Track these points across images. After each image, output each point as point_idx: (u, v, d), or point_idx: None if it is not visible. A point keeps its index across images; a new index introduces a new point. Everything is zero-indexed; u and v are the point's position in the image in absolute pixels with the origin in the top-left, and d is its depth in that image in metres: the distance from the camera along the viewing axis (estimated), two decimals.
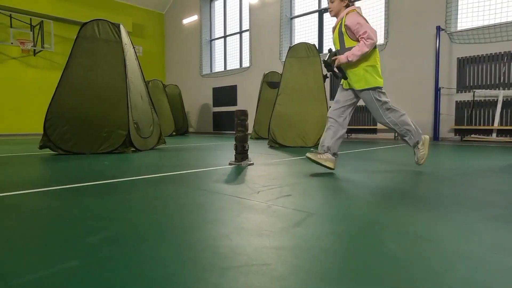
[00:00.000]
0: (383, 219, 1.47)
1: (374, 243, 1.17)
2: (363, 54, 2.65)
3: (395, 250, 1.11)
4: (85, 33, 4.79)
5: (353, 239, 1.22)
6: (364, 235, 1.26)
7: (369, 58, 2.73)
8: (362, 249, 1.12)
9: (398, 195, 1.96)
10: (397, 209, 1.64)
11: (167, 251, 1.11)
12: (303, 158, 3.99)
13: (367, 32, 2.61)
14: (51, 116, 4.53)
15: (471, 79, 7.48)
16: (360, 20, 2.67)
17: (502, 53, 7.03)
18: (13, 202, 1.83)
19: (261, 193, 2.03)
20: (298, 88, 5.94)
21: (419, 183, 2.36)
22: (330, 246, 1.14)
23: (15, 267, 0.99)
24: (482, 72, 7.34)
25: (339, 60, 2.73)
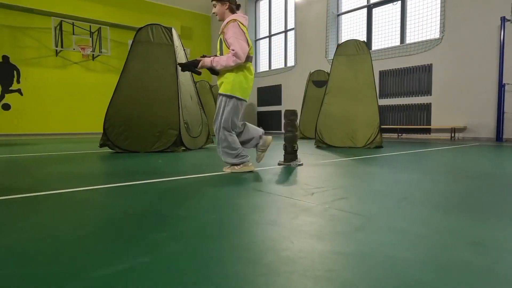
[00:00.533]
0: (450, 225, 1.37)
1: (445, 252, 1.10)
2: (226, 67, 2.72)
3: (470, 259, 1.03)
4: (140, 38, 5.05)
5: (421, 246, 1.15)
6: (432, 243, 1.18)
7: (242, 70, 2.80)
8: (434, 258, 1.05)
9: (460, 200, 1.82)
10: (463, 215, 1.53)
11: (230, 252, 1.12)
12: (354, 159, 3.87)
13: (236, 51, 2.66)
14: (110, 117, 4.83)
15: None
16: (236, 33, 2.71)
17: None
18: (84, 197, 1.97)
19: (315, 195, 1.99)
20: (346, 86, 5.78)
21: (482, 188, 2.18)
22: (397, 254, 1.09)
23: (93, 260, 1.06)
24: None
25: (203, 62, 2.79)
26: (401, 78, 9.06)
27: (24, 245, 1.18)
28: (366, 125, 5.56)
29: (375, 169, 3.05)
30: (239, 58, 2.68)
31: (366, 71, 5.72)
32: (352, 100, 5.70)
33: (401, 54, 9.06)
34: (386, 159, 3.92)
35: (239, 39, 2.69)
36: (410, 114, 8.92)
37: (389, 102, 9.30)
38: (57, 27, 11.72)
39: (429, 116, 8.58)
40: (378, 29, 9.86)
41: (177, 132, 4.91)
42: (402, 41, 9.25)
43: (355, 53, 5.81)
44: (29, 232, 1.33)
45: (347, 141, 5.64)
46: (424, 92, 8.65)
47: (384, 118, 9.33)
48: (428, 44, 8.51)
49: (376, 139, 5.50)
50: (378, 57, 9.40)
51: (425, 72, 8.59)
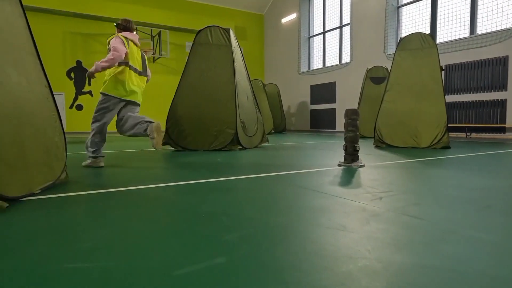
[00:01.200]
0: None
1: None
2: (103, 67, 3.21)
3: None
4: (200, 40, 5.22)
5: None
6: None
7: (120, 75, 3.35)
8: None
9: None
10: None
11: (302, 256, 1.10)
12: (420, 161, 3.63)
13: (111, 54, 3.21)
14: (172, 116, 5.07)
15: None
16: (115, 44, 3.28)
17: None
18: (155, 194, 2.08)
19: (384, 199, 1.90)
20: (410, 83, 5.44)
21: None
22: (490, 271, 0.98)
23: (173, 258, 1.10)
24: None
25: (91, 70, 3.28)
26: (470, 72, 8.31)
27: (110, 240, 1.27)
28: (431, 124, 5.19)
29: (446, 173, 2.83)
30: (112, 59, 3.20)
31: (432, 65, 5.33)
32: (416, 97, 5.36)
33: (470, 46, 8.31)
34: (457, 161, 3.62)
35: (117, 48, 3.25)
36: (480, 112, 8.15)
37: (456, 98, 8.59)
38: None
39: (503, 114, 7.76)
40: (443, 20, 9.15)
41: (234, 131, 5.00)
42: (471, 32, 8.48)
43: (420, 47, 5.44)
44: (111, 228, 1.43)
45: (410, 141, 5.31)
46: (497, 87, 7.85)
47: (450, 116, 8.65)
48: (503, 34, 7.70)
49: (442, 139, 5.11)
50: (443, 51, 8.73)
51: (499, 65, 7.79)
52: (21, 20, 2.17)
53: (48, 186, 2.21)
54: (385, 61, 10.09)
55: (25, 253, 1.15)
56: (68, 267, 1.03)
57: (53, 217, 1.60)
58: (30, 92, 2.11)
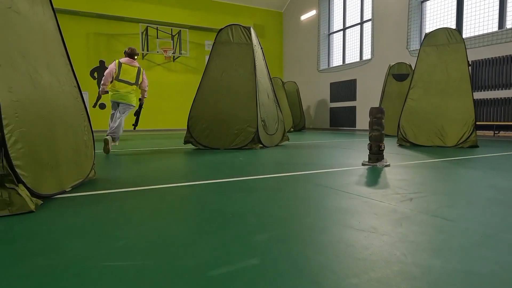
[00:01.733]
0: None
1: None
2: (102, 87, 5.34)
3: None
4: (221, 39, 5.23)
5: None
6: None
7: (112, 86, 5.30)
8: None
9: None
10: None
11: (335, 259, 1.08)
12: (448, 160, 3.52)
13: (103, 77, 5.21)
14: (193, 115, 5.11)
15: None
16: (108, 69, 5.25)
17: None
18: (183, 193, 2.10)
19: (415, 200, 1.84)
20: (435, 79, 5.28)
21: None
22: None
23: (207, 258, 1.10)
24: None
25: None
26: (499, 68, 7.99)
27: (144, 238, 1.29)
28: (458, 122, 5.03)
29: (476, 173, 2.73)
30: (103, 83, 5.25)
31: (460, 61, 5.15)
32: (442, 95, 5.20)
33: (499, 41, 7.99)
34: (487, 160, 3.49)
35: (109, 68, 5.23)
36: (509, 109, 7.83)
37: (483, 95, 8.29)
38: (143, 32, 12.80)
39: None
40: (469, 15, 8.83)
41: (255, 129, 5.00)
42: (500, 26, 8.14)
43: (446, 42, 5.27)
44: (142, 226, 1.45)
45: (435, 140, 5.17)
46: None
47: (477, 113, 8.35)
48: None
49: (470, 137, 4.94)
50: (469, 46, 8.43)
51: None
52: (52, 22, 2.23)
53: (78, 184, 2.27)
54: (408, 58, 9.84)
55: (61, 250, 1.18)
56: (104, 265, 1.05)
57: (86, 214, 1.64)
58: (61, 93, 2.17)
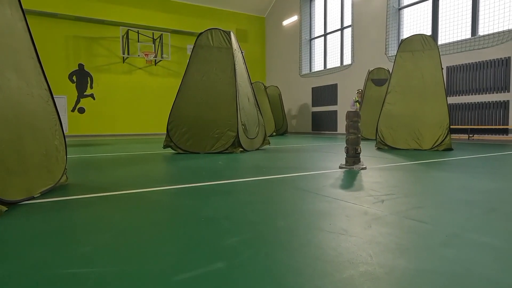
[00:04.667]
0: None
1: None
2: None
3: None
4: (201, 42, 5.22)
5: None
6: None
7: None
8: None
9: None
10: None
11: (303, 261, 1.08)
12: (422, 163, 3.60)
13: None
14: (173, 119, 5.06)
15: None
16: None
17: None
18: (156, 198, 2.06)
19: (386, 202, 1.88)
20: (411, 84, 5.42)
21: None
22: (497, 277, 0.96)
23: (173, 263, 1.09)
24: None
25: None
26: (472, 74, 8.29)
27: (110, 244, 1.26)
28: (433, 125, 5.17)
29: (449, 175, 2.81)
30: None
31: (434, 67, 5.31)
32: (417, 99, 5.34)
33: (472, 48, 8.29)
34: (460, 163, 3.59)
35: None
36: (482, 113, 8.12)
37: (458, 100, 8.57)
38: (124, 35, 12.64)
39: (506, 115, 7.73)
40: (444, 22, 9.14)
41: (235, 133, 4.99)
42: (473, 34, 8.46)
43: (421, 48, 5.43)
44: (110, 232, 1.42)
45: (412, 143, 5.29)
46: (500, 89, 7.82)
47: (452, 117, 8.61)
48: (505, 35, 7.68)
49: (445, 141, 5.08)
50: (444, 52, 8.71)
51: (502, 66, 7.76)
52: (21, 23, 2.17)
53: (48, 189, 2.20)
54: (387, 63, 10.08)
55: (22, 257, 1.14)
56: (65, 272, 1.02)
57: (52, 220, 1.59)
58: (30, 96, 2.10)
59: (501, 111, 7.80)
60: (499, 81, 7.84)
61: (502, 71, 7.78)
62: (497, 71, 7.86)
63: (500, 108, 7.81)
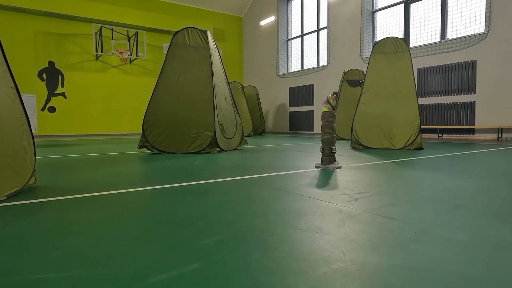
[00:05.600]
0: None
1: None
2: None
3: None
4: (177, 41, 5.15)
5: (487, 262, 1.06)
6: (498, 259, 1.09)
7: None
8: (504, 277, 0.97)
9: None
10: None
11: (278, 260, 1.10)
12: (395, 162, 3.72)
13: None
14: (148, 118, 4.97)
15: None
16: None
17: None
18: (131, 199, 2.02)
19: (360, 200, 1.92)
20: (384, 85, 5.58)
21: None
22: (462, 270, 1.01)
23: (148, 264, 1.07)
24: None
25: None
26: (442, 76, 8.63)
27: (82, 247, 1.22)
28: (405, 125, 5.35)
29: (420, 173, 2.91)
30: None
31: (405, 69, 5.49)
32: (390, 100, 5.50)
33: (441, 51, 8.64)
34: (430, 161, 3.73)
35: None
36: (451, 114, 8.48)
37: (429, 101, 8.90)
38: (97, 33, 12.28)
39: (472, 116, 8.11)
40: (416, 25, 9.47)
41: (212, 133, 4.96)
42: (442, 37, 8.81)
43: (394, 51, 5.60)
44: (83, 235, 1.38)
45: (385, 142, 5.45)
46: (467, 90, 8.19)
47: (423, 118, 8.94)
48: (471, 39, 8.05)
49: (416, 140, 5.27)
50: (416, 55, 9.03)
51: (469, 69, 8.13)
52: None
53: (15, 192, 2.11)
54: (362, 64, 10.32)
55: None
56: (32, 278, 0.98)
57: (19, 224, 1.52)
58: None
59: (468, 111, 8.17)
60: (466, 83, 8.20)
61: (469, 73, 8.15)
62: (464, 73, 8.23)
63: (467, 109, 8.18)
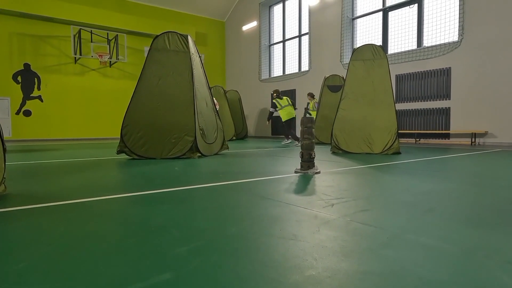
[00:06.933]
0: (482, 242, 1.31)
1: (480, 273, 1.04)
2: None
3: (507, 282, 0.97)
4: (157, 45, 5.10)
5: (454, 266, 1.10)
6: (465, 263, 1.13)
7: None
8: (469, 280, 1.00)
9: (491, 214, 1.74)
10: (495, 230, 1.46)
11: (252, 269, 1.09)
12: (372, 167, 3.79)
13: None
14: (128, 123, 4.89)
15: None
16: None
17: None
18: (105, 207, 1.98)
19: (336, 206, 1.95)
20: (363, 91, 5.70)
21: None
22: (430, 275, 1.04)
23: (118, 276, 1.05)
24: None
25: None
26: (418, 82, 8.89)
27: (49, 259, 1.19)
28: (383, 131, 5.46)
29: (395, 178, 2.98)
30: None
31: (383, 76, 5.62)
32: (369, 106, 5.62)
33: (418, 58, 8.90)
34: (406, 166, 3.83)
35: None
36: (428, 119, 8.73)
37: (406, 106, 9.14)
38: (76, 35, 12.01)
39: (448, 121, 8.38)
40: (394, 33, 9.73)
41: (193, 138, 4.93)
42: (419, 45, 9.09)
43: (372, 57, 5.73)
44: (54, 245, 1.34)
45: (364, 147, 5.55)
46: (442, 96, 8.46)
47: (401, 122, 9.16)
48: (446, 47, 8.33)
49: (393, 145, 5.39)
50: (394, 61, 9.26)
51: (444, 76, 8.41)
52: None
53: None
54: (342, 70, 10.50)
55: None
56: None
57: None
58: None
59: (444, 117, 8.44)
60: (441, 89, 8.48)
61: (444, 80, 8.42)
62: (439, 80, 8.50)
63: (443, 114, 8.45)
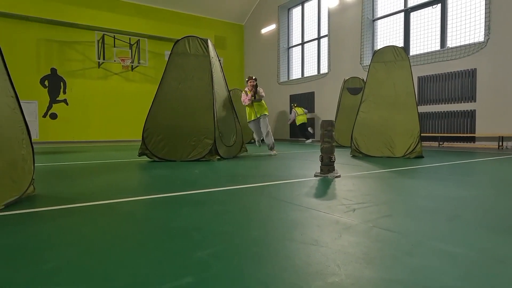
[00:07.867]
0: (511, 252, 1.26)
1: (510, 285, 1.00)
2: None
3: None
4: (178, 50, 5.19)
5: (481, 277, 1.06)
6: (494, 273, 1.08)
7: None
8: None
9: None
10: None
11: (272, 273, 1.09)
12: (394, 171, 3.71)
13: None
14: (149, 126, 4.99)
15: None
16: None
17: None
18: (129, 209, 2.02)
19: (357, 211, 1.92)
20: (384, 94, 5.60)
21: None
22: (455, 285, 1.00)
23: (142, 278, 1.07)
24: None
25: None
26: (442, 84, 8.65)
27: (75, 260, 1.22)
28: (405, 134, 5.34)
29: (419, 182, 2.91)
30: None
31: (405, 78, 5.51)
32: (390, 108, 5.51)
33: (441, 59, 8.66)
34: (429, 170, 3.72)
35: None
36: (452, 122, 8.47)
37: (429, 109, 8.91)
38: (99, 40, 12.38)
39: (473, 124, 8.10)
40: (416, 34, 9.52)
41: (212, 141, 4.97)
42: (442, 46, 8.85)
43: (393, 59, 5.62)
44: (77, 246, 1.38)
45: (385, 151, 5.44)
46: (467, 99, 8.20)
47: (424, 126, 8.94)
48: (471, 48, 8.08)
49: (416, 148, 5.26)
50: (416, 63, 9.06)
51: (469, 77, 8.15)
52: None
53: (13, 201, 2.11)
54: (362, 72, 10.35)
55: None
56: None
57: (15, 235, 1.52)
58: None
59: (469, 119, 8.17)
60: (466, 91, 8.21)
61: (469, 82, 8.16)
62: (464, 81, 8.24)
63: (468, 117, 8.18)
